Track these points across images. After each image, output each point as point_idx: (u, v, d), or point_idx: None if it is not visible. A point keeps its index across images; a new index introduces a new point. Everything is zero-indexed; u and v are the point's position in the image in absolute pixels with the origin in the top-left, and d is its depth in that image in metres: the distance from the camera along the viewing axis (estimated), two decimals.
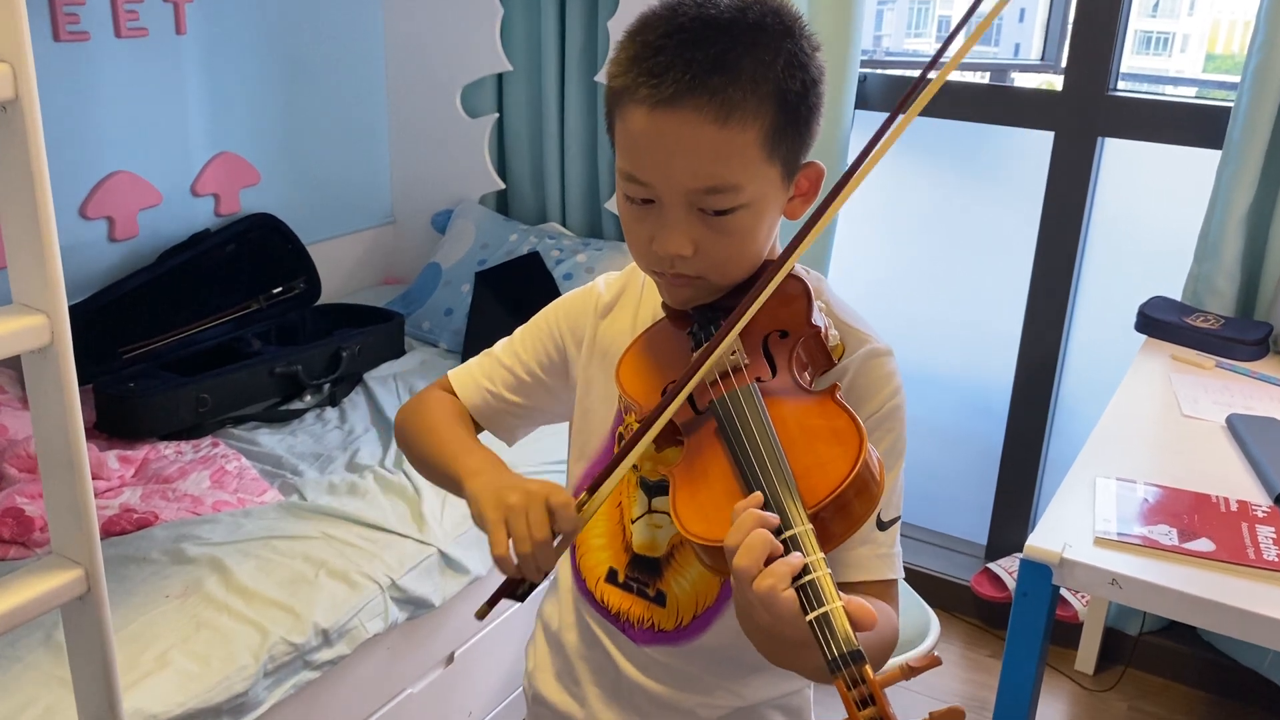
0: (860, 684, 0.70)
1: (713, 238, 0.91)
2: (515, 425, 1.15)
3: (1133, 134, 2.29)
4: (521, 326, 1.15)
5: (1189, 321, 2.07)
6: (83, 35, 2.19)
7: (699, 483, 0.86)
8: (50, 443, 1.01)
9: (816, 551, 0.75)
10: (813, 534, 0.77)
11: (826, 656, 0.71)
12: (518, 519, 0.88)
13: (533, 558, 0.88)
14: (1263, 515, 1.42)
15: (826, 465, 0.80)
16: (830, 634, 0.71)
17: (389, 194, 3.04)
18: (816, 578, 0.73)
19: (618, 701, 1.08)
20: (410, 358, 2.56)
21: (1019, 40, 3.04)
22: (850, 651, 0.70)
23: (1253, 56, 2.03)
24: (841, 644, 0.71)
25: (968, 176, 2.66)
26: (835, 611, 0.72)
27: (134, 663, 1.48)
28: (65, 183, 2.24)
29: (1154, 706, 2.38)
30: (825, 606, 0.72)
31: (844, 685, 0.70)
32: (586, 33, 2.63)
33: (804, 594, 0.73)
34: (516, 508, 0.89)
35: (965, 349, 2.72)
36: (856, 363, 0.96)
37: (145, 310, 2.31)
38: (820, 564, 0.74)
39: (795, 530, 0.76)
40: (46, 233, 0.95)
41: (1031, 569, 1.35)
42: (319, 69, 2.75)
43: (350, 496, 1.94)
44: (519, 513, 0.88)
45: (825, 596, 0.73)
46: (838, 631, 0.71)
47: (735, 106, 0.86)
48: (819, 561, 0.74)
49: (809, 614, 0.72)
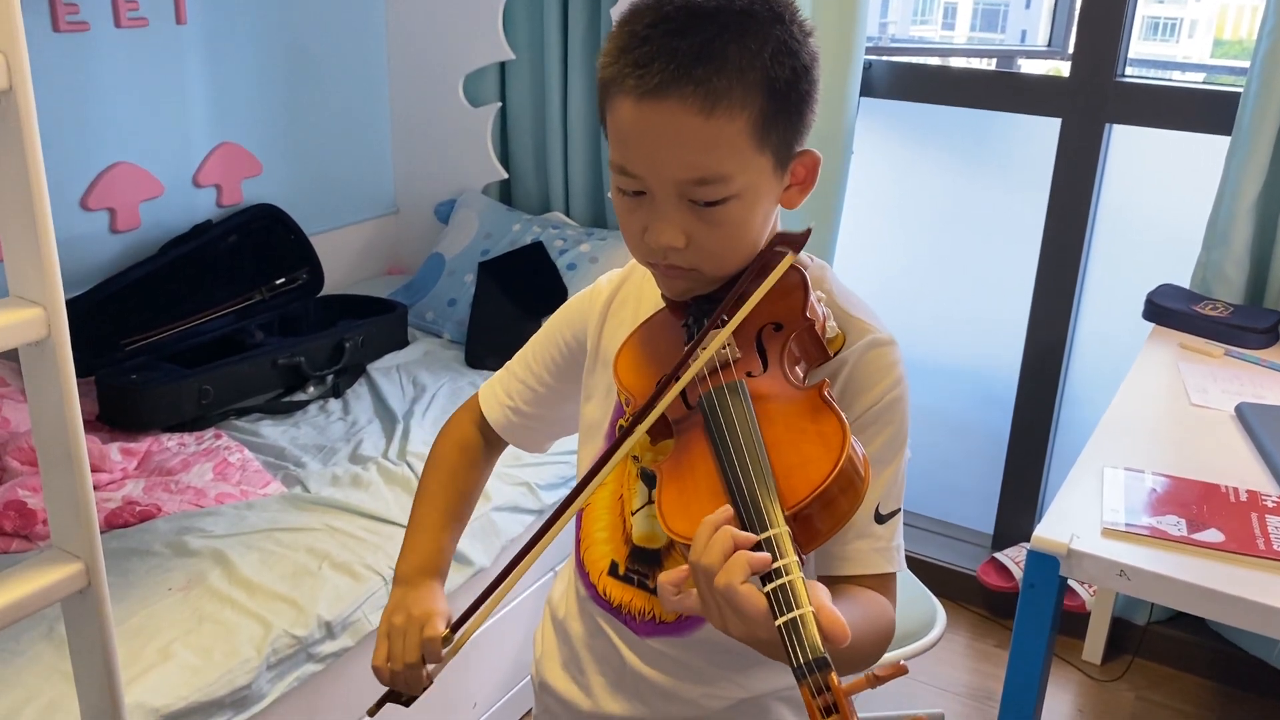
0: (825, 691, 0.69)
1: (705, 229, 0.90)
2: (540, 437, 1.19)
3: (1141, 120, 2.27)
4: (533, 337, 1.16)
5: (1198, 309, 2.05)
6: (82, 25, 2.18)
7: (685, 479, 0.86)
8: (49, 436, 1.01)
9: (790, 554, 0.74)
10: (789, 536, 0.75)
11: (792, 662, 0.70)
12: (396, 640, 1.02)
13: (401, 676, 1.02)
14: (1272, 505, 1.41)
15: (808, 464, 0.79)
16: (797, 640, 0.70)
17: (392, 184, 3.03)
18: (788, 581, 0.72)
19: (622, 691, 1.08)
20: (414, 348, 2.56)
21: (1025, 26, 3.02)
22: (816, 659, 0.69)
23: (1262, 41, 2.00)
24: (808, 651, 0.70)
25: (974, 164, 2.64)
26: (804, 618, 0.71)
27: (136, 656, 1.48)
28: (66, 174, 2.23)
29: (1162, 696, 2.37)
30: (794, 612, 0.71)
31: (809, 692, 0.69)
32: (589, 20, 2.61)
33: (774, 597, 0.72)
34: (397, 629, 1.03)
35: (971, 337, 2.70)
36: (856, 354, 0.95)
37: (147, 302, 2.31)
38: (793, 567, 0.73)
39: (770, 533, 0.75)
40: (43, 225, 0.94)
41: (1039, 560, 1.34)
42: (321, 58, 2.74)
43: (353, 488, 1.93)
44: (398, 634, 1.02)
45: (796, 601, 0.72)
46: (804, 638, 0.70)
47: (721, 96, 0.85)
48: (792, 564, 0.73)
49: (778, 618, 0.71)
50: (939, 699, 2.34)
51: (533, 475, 2.04)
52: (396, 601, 1.05)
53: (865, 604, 0.92)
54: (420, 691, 1.03)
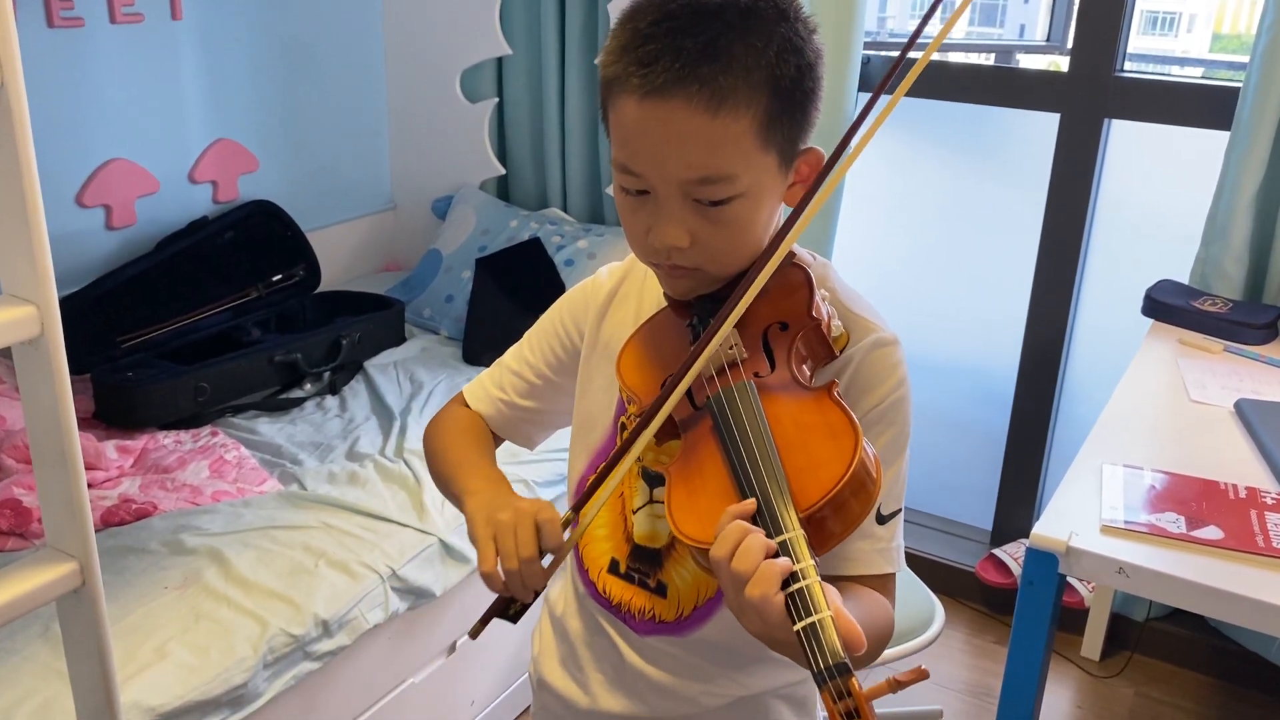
0: (847, 697, 0.68)
1: (709, 228, 0.89)
2: (531, 431, 1.15)
3: (1140, 115, 2.27)
4: (529, 330, 1.14)
5: (1197, 305, 2.05)
6: (77, 21, 2.17)
7: (694, 481, 0.85)
8: (42, 435, 1.00)
9: (807, 558, 0.74)
10: (804, 539, 0.75)
11: (813, 668, 0.69)
12: (505, 536, 0.88)
13: (519, 575, 0.88)
14: (1271, 502, 1.40)
15: (820, 467, 0.79)
16: (818, 645, 0.70)
17: (389, 180, 3.02)
18: (806, 585, 0.72)
19: (621, 688, 1.08)
20: (411, 345, 2.55)
21: (1024, 21, 3.02)
22: (837, 664, 0.69)
23: (1262, 36, 2.00)
24: (829, 656, 0.69)
25: (972, 159, 2.64)
26: (824, 622, 0.70)
27: (133, 655, 1.47)
28: (61, 171, 2.23)
29: (1160, 693, 2.37)
30: (814, 616, 0.71)
31: (830, 698, 0.69)
32: (587, 15, 2.60)
33: (792, 602, 0.72)
34: (505, 525, 0.89)
35: (970, 334, 2.70)
36: (861, 353, 0.95)
37: (143, 299, 2.30)
38: (810, 570, 0.73)
39: (786, 536, 0.75)
40: (36, 222, 0.93)
41: (1038, 558, 1.34)
42: (317, 53, 2.73)
43: (350, 486, 1.93)
44: (507, 530, 0.89)
45: (814, 605, 0.71)
46: (825, 644, 0.70)
47: (727, 95, 0.84)
48: (809, 568, 0.73)
49: (797, 623, 0.71)
50: (938, 695, 2.34)
51: (530, 473, 2.03)
52: (488, 502, 0.94)
53: (868, 605, 0.92)
54: (534, 598, 0.91)
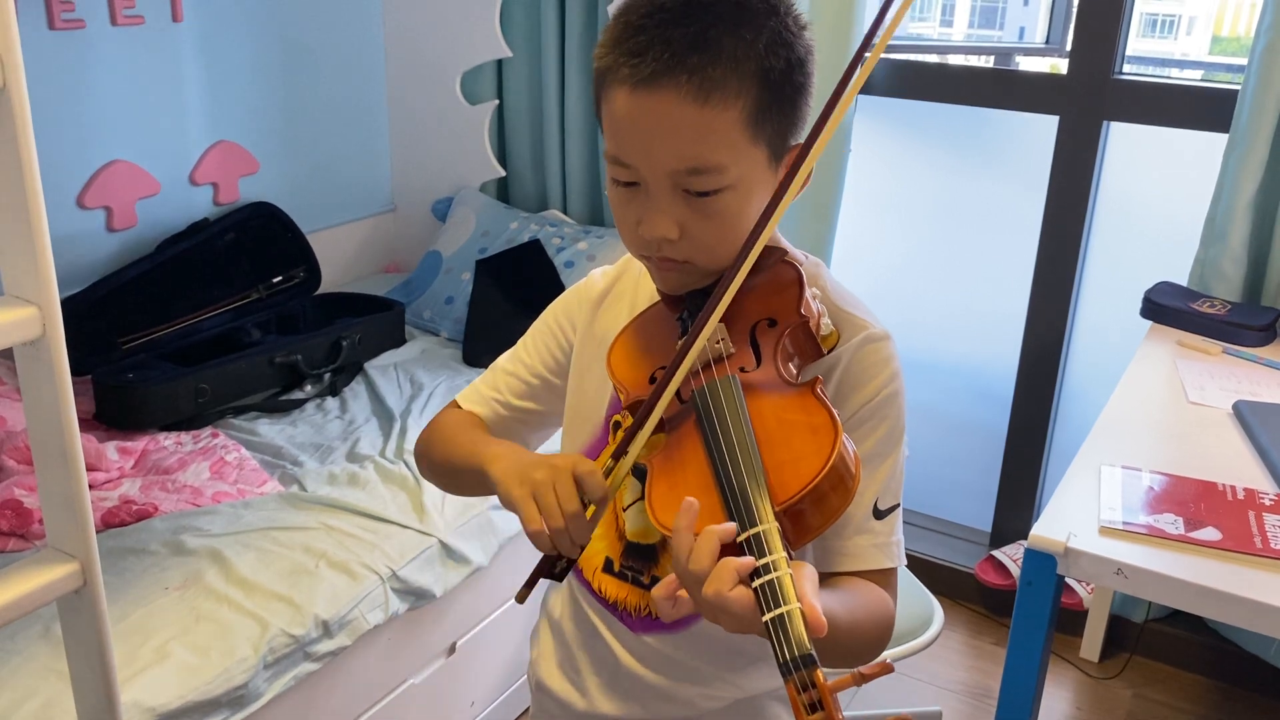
0: (811, 688, 0.69)
1: (699, 220, 0.90)
2: (527, 433, 1.15)
3: (1138, 118, 2.27)
4: (524, 335, 1.15)
5: (1195, 307, 2.05)
6: (78, 23, 2.17)
7: (675, 474, 0.85)
8: (44, 436, 1.00)
9: (779, 550, 0.74)
10: (778, 532, 0.76)
11: (778, 659, 0.70)
12: (546, 493, 0.86)
13: (566, 531, 0.86)
14: (1270, 503, 1.41)
15: (800, 461, 0.79)
16: (783, 636, 0.70)
17: (389, 182, 3.02)
18: (776, 578, 0.72)
19: (617, 692, 1.08)
20: (411, 346, 2.55)
21: (1024, 23, 3.02)
22: (801, 655, 0.69)
23: (1260, 38, 2.00)
24: (794, 647, 0.70)
25: (972, 161, 2.64)
26: (791, 614, 0.71)
27: (133, 655, 1.47)
28: (62, 172, 2.23)
29: (1159, 694, 2.37)
30: (781, 608, 0.71)
31: (794, 689, 0.69)
32: (587, 17, 2.61)
33: (761, 594, 0.72)
34: (543, 482, 0.87)
35: (969, 335, 2.70)
36: (851, 350, 0.95)
37: (144, 300, 2.30)
38: (781, 563, 0.73)
39: (759, 528, 0.75)
40: (38, 224, 0.94)
41: (1036, 559, 1.34)
42: (317, 55, 2.73)
43: (350, 487, 1.93)
44: (546, 487, 0.86)
45: (783, 597, 0.72)
46: (790, 635, 0.70)
47: (716, 85, 0.85)
48: (780, 560, 0.73)
49: (765, 614, 0.71)
50: (937, 697, 2.34)
51: None
52: (516, 462, 0.92)
53: (863, 597, 0.92)
54: (579, 553, 0.89)
